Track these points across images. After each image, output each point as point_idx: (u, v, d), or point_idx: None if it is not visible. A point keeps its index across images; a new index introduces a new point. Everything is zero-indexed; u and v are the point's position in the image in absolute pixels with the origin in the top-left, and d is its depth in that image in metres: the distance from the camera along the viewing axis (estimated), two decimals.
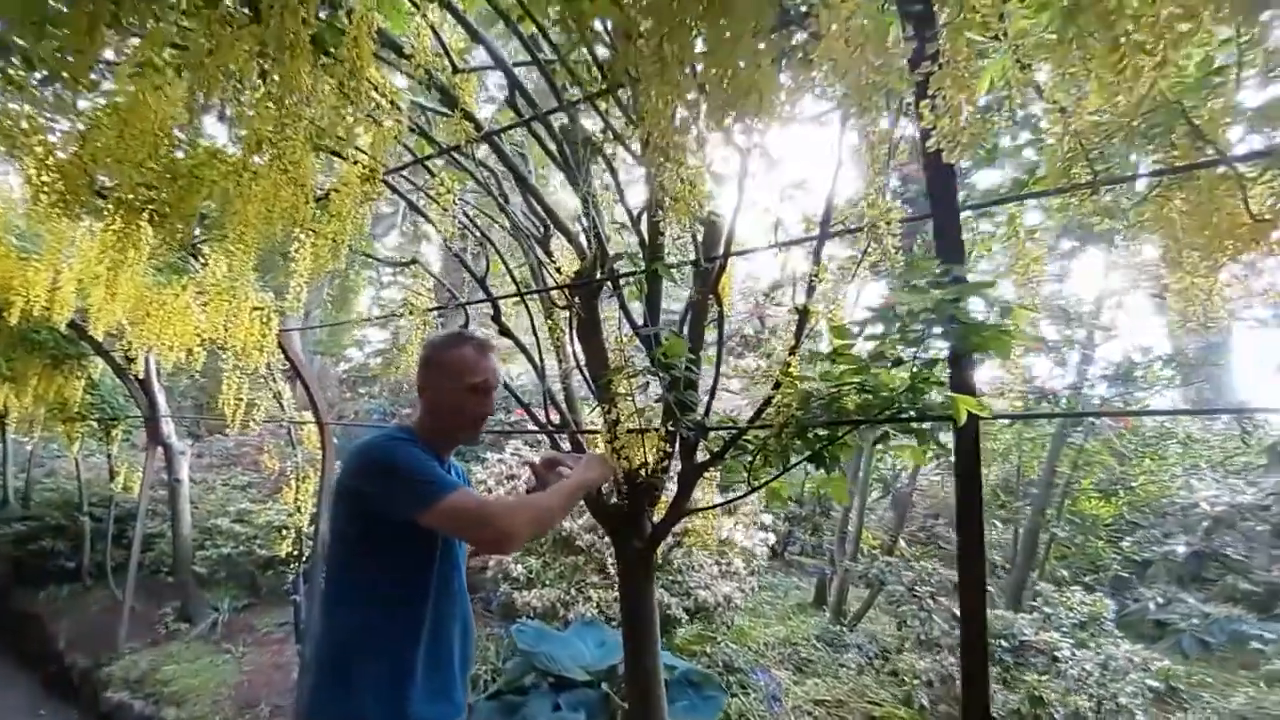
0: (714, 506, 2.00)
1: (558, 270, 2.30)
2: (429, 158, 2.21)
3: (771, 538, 4.45)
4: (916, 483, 5.73)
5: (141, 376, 4.55)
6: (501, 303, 2.37)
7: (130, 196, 1.89)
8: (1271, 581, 3.65)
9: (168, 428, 4.98)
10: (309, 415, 3.86)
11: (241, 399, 3.77)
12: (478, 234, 2.26)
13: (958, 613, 3.02)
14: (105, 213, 1.95)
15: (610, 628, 3.49)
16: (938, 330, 1.33)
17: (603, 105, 1.94)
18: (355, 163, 1.88)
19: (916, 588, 3.62)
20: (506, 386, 2.42)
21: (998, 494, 4.95)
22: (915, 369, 1.43)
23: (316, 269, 2.53)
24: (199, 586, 5.33)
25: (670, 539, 3.81)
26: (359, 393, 11.46)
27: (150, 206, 1.97)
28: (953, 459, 1.38)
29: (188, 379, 9.47)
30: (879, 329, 1.46)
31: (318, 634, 1.47)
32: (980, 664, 1.30)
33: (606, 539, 3.76)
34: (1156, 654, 2.97)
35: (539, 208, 2.21)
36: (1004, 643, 3.09)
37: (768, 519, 4.48)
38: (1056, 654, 2.86)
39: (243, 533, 5.44)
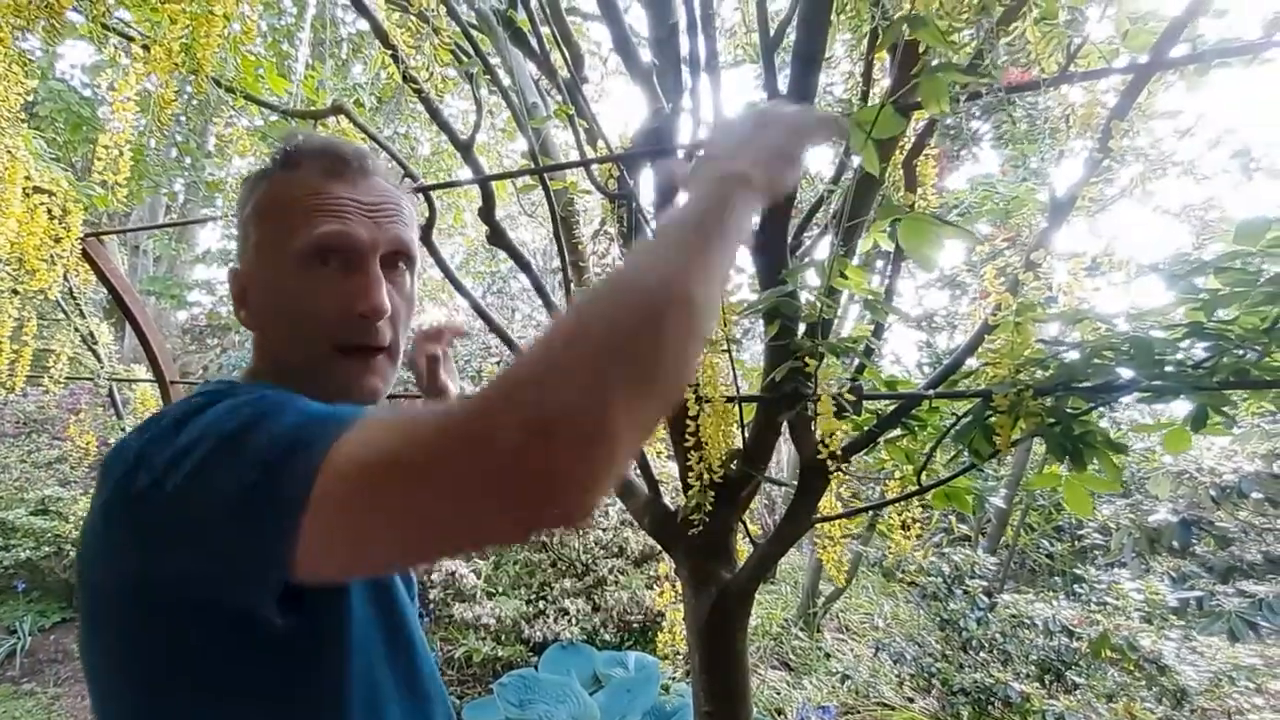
0: (855, 512, 1.28)
1: (589, 135, 1.42)
2: None
3: None
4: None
5: None
6: (496, 194, 1.44)
7: None
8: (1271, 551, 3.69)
9: None
10: (142, 371, 2.66)
11: (27, 340, 2.51)
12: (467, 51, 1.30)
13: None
14: None
15: (596, 647, 2.73)
16: None
17: None
18: None
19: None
20: (482, 314, 1.52)
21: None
22: None
23: (154, 118, 1.52)
24: None
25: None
26: (208, 345, 8.96)
27: None
28: None
29: None
30: None
31: None
32: None
33: (583, 531, 2.97)
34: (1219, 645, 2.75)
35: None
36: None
37: None
38: (1161, 660, 2.48)
39: (48, 529, 4.01)
